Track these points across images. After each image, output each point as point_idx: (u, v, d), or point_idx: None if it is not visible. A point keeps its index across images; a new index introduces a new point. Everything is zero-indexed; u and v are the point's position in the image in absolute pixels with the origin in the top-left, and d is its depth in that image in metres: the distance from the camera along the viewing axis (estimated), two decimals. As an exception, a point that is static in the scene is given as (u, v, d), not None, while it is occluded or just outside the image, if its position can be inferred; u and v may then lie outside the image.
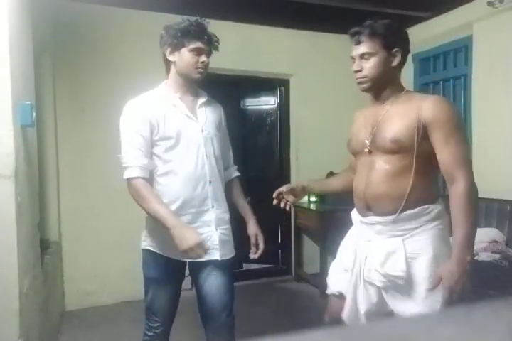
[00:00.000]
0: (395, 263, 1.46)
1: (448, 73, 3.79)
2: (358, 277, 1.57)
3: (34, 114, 1.83)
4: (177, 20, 1.72)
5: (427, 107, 1.40)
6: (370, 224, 1.54)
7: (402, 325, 0.35)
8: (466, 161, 1.41)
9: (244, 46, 3.73)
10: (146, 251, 1.79)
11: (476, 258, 2.75)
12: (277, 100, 4.20)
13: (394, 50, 1.49)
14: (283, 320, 3.06)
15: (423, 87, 3.98)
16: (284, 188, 1.76)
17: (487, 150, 3.27)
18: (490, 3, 3.06)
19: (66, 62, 3.23)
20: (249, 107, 4.39)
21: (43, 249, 2.37)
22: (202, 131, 1.74)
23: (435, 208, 1.47)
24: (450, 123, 1.39)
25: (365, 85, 1.52)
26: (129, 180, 1.63)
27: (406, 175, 1.45)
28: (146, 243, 1.78)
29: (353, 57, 1.52)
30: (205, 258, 1.66)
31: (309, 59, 3.99)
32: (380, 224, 1.51)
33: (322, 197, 3.84)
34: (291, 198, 1.77)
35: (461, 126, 1.45)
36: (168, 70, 1.77)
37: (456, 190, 1.38)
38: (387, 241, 1.49)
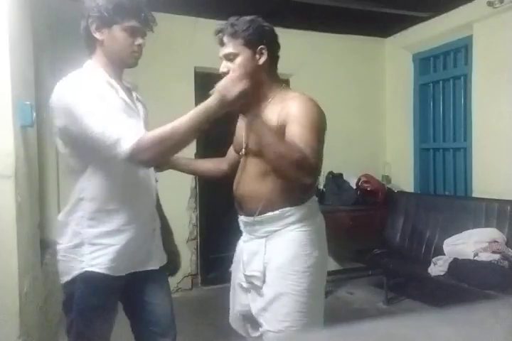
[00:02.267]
0: (254, 264, 1.46)
1: (448, 73, 3.79)
2: (235, 279, 1.58)
3: (34, 114, 1.83)
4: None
5: (287, 107, 1.36)
6: (243, 225, 1.56)
7: (402, 325, 0.35)
8: (318, 155, 1.31)
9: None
10: (85, 275, 1.31)
11: (476, 258, 2.75)
12: (277, 100, 4.20)
13: (259, 47, 1.42)
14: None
15: (423, 87, 3.99)
16: None
17: (487, 150, 3.27)
18: (490, 3, 3.07)
19: (66, 62, 3.22)
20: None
21: (43, 248, 2.36)
22: (144, 127, 1.35)
23: (297, 211, 1.44)
24: (306, 120, 1.32)
25: None
26: (134, 146, 1.17)
27: (267, 177, 1.43)
28: (86, 262, 1.31)
29: (220, 58, 1.48)
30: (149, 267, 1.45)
31: (309, 59, 3.99)
32: (247, 224, 1.52)
33: (321, 197, 3.84)
34: None
35: (317, 124, 1.34)
36: (91, 50, 1.41)
37: None
38: (253, 242, 1.50)
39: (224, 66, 1.44)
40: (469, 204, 3.22)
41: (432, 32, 3.71)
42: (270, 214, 1.44)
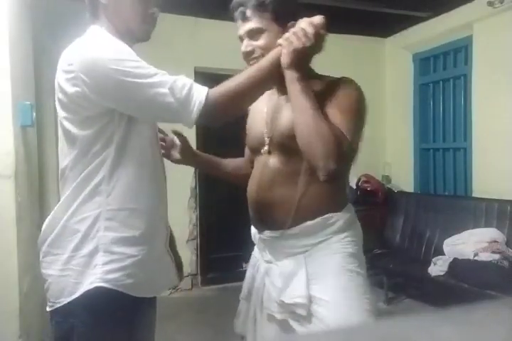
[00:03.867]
0: (293, 288, 1.15)
1: (448, 73, 3.79)
2: (257, 308, 1.26)
3: (34, 114, 1.83)
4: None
5: (329, 90, 1.16)
6: (266, 241, 1.26)
7: (402, 325, 0.35)
8: (353, 144, 1.12)
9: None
10: (95, 292, 1.00)
11: (476, 258, 2.75)
12: (277, 100, 4.20)
13: (289, 23, 1.16)
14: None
15: (423, 87, 3.98)
16: (178, 139, 1.40)
17: (487, 150, 3.27)
18: (490, 3, 3.06)
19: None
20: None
21: (43, 249, 2.36)
22: None
23: (341, 217, 1.20)
24: (349, 104, 1.14)
25: None
26: (209, 96, 1.01)
27: (300, 177, 1.17)
28: (98, 276, 1.01)
29: (240, 37, 1.22)
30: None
31: (309, 59, 3.99)
32: (275, 240, 1.22)
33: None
34: (176, 154, 1.42)
35: (360, 110, 1.17)
36: (94, 16, 1.14)
37: None
38: (285, 262, 1.20)
39: (248, 44, 1.20)
40: (469, 204, 3.22)
41: (431, 32, 3.71)
42: (309, 223, 1.17)
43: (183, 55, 3.53)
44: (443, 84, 3.83)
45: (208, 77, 3.94)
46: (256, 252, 1.37)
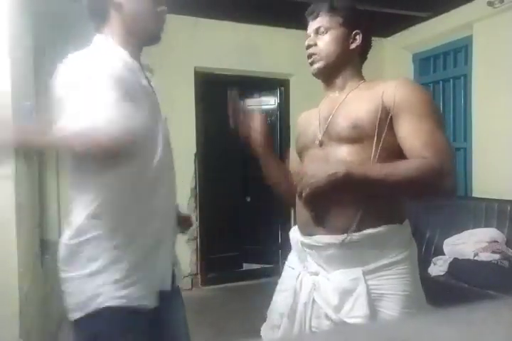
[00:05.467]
0: (353, 305, 1.06)
1: (448, 73, 3.79)
2: (302, 327, 1.14)
3: (34, 113, 1.83)
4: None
5: (391, 90, 1.11)
6: (317, 248, 1.12)
7: (402, 325, 0.35)
8: (447, 151, 1.05)
9: (244, 46, 3.73)
10: (106, 312, 0.99)
11: (476, 258, 2.75)
12: (277, 100, 4.20)
13: (354, 31, 1.25)
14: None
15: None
16: (262, 128, 1.30)
17: (487, 151, 3.27)
18: (490, 3, 3.06)
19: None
20: (249, 107, 4.40)
21: (43, 249, 2.36)
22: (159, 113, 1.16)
23: (404, 229, 1.15)
24: (421, 107, 1.08)
25: (317, 65, 1.25)
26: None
27: None
28: (107, 295, 1.00)
29: (308, 35, 1.29)
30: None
31: (309, 59, 3.99)
32: (332, 247, 1.09)
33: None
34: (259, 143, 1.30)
35: (436, 111, 1.13)
36: (103, 19, 1.08)
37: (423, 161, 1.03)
38: (342, 274, 1.09)
39: (311, 39, 1.26)
40: (469, 204, 3.21)
41: (431, 32, 3.71)
42: (371, 231, 1.07)
43: (183, 55, 3.53)
44: (443, 84, 3.83)
45: (208, 77, 3.94)
46: (294, 262, 1.26)
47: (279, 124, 4.19)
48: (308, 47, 1.26)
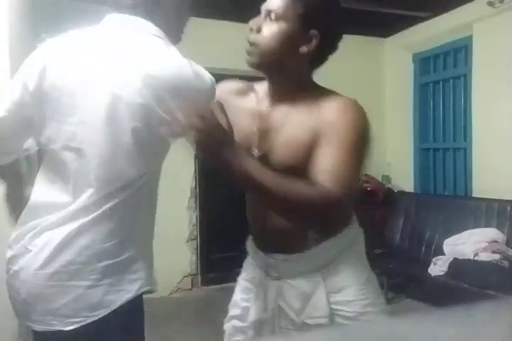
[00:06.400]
0: (314, 308, 1.06)
1: (448, 73, 3.79)
2: (275, 328, 1.12)
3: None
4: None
5: (323, 112, 1.01)
6: (276, 262, 1.13)
7: (402, 324, 0.35)
8: (348, 183, 0.95)
9: (244, 46, 3.72)
10: (137, 300, 0.95)
11: (476, 258, 2.75)
12: (277, 100, 4.21)
13: (311, 31, 1.01)
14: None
15: (423, 87, 3.99)
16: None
17: (487, 151, 3.28)
18: (490, 3, 3.06)
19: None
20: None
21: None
22: None
23: (352, 228, 1.16)
24: (345, 134, 0.97)
25: (252, 60, 1.09)
26: None
27: None
28: (143, 280, 0.96)
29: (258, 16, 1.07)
30: None
31: (309, 59, 3.99)
32: (288, 261, 1.10)
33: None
34: None
35: (360, 140, 0.99)
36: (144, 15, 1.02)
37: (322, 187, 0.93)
38: (301, 280, 1.09)
39: (257, 22, 1.07)
40: (469, 204, 3.22)
41: (431, 32, 3.71)
42: (325, 244, 1.08)
43: (183, 55, 3.53)
44: (443, 84, 3.83)
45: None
46: (253, 267, 1.24)
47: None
48: (251, 30, 1.06)
